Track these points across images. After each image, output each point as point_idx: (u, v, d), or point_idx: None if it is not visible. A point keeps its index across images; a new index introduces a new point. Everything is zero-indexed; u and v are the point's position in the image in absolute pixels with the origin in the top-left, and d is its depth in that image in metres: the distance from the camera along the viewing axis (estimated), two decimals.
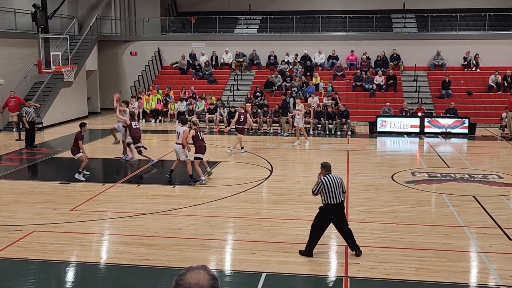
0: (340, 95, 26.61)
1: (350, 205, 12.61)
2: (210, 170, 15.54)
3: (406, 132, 23.66)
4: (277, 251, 9.62)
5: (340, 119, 23.99)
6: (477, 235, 10.48)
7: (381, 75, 28.10)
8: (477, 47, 28.79)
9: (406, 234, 10.53)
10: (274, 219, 11.53)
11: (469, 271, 8.92)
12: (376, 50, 29.48)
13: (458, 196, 13.37)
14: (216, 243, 10.17)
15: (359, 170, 16.48)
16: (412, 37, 30.07)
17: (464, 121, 23.73)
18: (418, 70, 28.84)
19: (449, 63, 29.21)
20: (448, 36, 29.59)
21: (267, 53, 30.28)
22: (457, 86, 27.63)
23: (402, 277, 8.52)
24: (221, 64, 30.88)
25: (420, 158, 19.66)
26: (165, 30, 32.75)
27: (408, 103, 25.87)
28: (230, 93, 28.65)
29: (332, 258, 9.49)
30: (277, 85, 28.29)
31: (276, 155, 19.04)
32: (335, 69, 29.25)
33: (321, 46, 30.17)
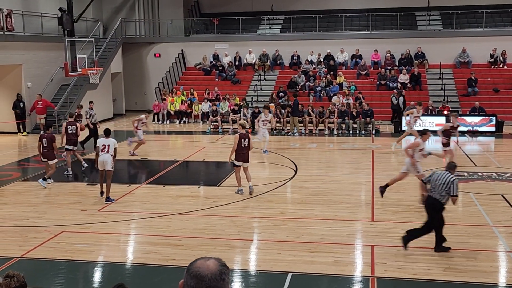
0: (364, 94, 26.44)
1: (376, 204, 12.53)
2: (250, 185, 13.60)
3: (432, 131, 23.32)
4: (303, 251, 9.60)
5: (364, 118, 23.84)
6: (506, 234, 10.33)
7: (406, 73, 27.84)
8: (503, 43, 28.33)
9: (433, 234, 10.39)
10: (300, 219, 11.51)
11: (498, 271, 8.80)
12: (400, 48, 29.20)
13: (486, 195, 13.19)
14: (241, 243, 10.20)
15: (384, 170, 16.36)
16: (437, 35, 29.72)
17: (491, 119, 23.39)
18: (443, 68, 28.48)
19: (475, 60, 28.79)
20: (474, 33, 29.16)
21: (290, 53, 30.24)
22: (483, 84, 27.23)
23: (429, 277, 8.44)
24: (244, 64, 30.92)
25: (446, 157, 19.39)
26: (188, 31, 32.95)
27: (434, 101, 25.59)
28: (254, 94, 28.69)
29: (358, 258, 9.44)
30: (301, 85, 28.23)
31: (300, 155, 19.01)
32: (359, 68, 29.07)
33: (344, 45, 30.01)
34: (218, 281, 2.52)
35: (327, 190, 13.96)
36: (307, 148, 20.42)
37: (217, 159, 18.88)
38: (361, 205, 12.57)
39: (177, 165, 17.60)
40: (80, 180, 16.03)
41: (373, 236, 10.45)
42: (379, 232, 10.62)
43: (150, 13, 33.19)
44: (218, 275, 2.52)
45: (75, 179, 16.11)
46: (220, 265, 2.56)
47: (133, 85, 32.05)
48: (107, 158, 12.86)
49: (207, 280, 2.50)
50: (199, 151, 19.95)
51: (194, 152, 19.74)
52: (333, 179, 15.42)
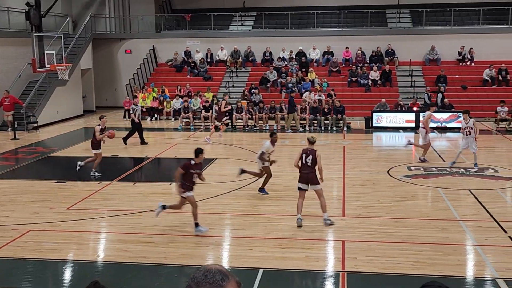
0: (335, 91, 26.63)
1: (347, 200, 12.65)
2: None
3: (401, 127, 23.69)
4: (274, 247, 9.63)
5: (336, 114, 24.02)
6: (473, 228, 10.52)
7: (376, 71, 28.12)
8: (471, 41, 28.84)
9: (402, 229, 10.56)
10: (271, 215, 11.54)
11: (466, 264, 8.96)
12: (371, 46, 29.49)
13: (454, 190, 13.42)
14: (213, 239, 10.18)
15: (355, 165, 16.51)
16: (407, 32, 30.09)
17: (459, 116, 23.73)
18: (413, 65, 28.86)
19: (444, 57, 29.25)
20: (443, 30, 29.63)
21: (262, 49, 30.26)
22: (452, 81, 27.66)
23: (398, 271, 8.55)
24: (216, 61, 30.84)
25: (416, 152, 19.67)
26: (159, 27, 32.70)
27: (403, 98, 25.92)
28: (226, 90, 28.59)
29: (329, 253, 9.51)
30: (272, 81, 28.29)
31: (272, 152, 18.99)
32: (331, 65, 29.26)
33: (316, 42, 30.16)
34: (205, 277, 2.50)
35: None
36: (279, 145, 20.38)
37: (188, 155, 18.74)
38: (332, 201, 12.64)
39: (148, 162, 17.47)
40: (49, 177, 15.77)
41: (344, 231, 10.54)
42: (350, 228, 10.72)
43: (121, 8, 32.83)
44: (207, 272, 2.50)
45: (42, 177, 15.85)
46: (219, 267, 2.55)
47: (104, 81, 31.68)
48: None
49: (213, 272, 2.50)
50: (170, 148, 19.83)
51: (166, 149, 19.62)
52: None
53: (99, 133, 15.64)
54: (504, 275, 8.32)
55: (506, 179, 14.56)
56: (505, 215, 11.24)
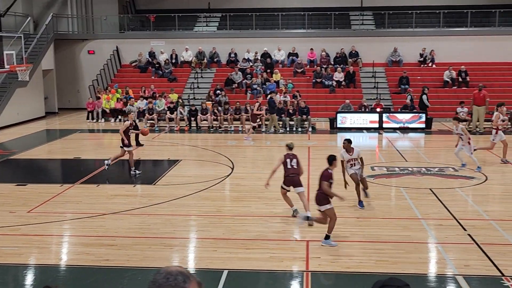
0: (300, 92, 26.81)
1: (312, 200, 12.70)
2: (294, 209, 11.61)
3: (365, 128, 23.99)
4: (239, 248, 9.64)
5: (301, 115, 24.18)
6: (434, 226, 10.73)
7: (340, 72, 28.42)
8: (432, 43, 29.44)
9: (366, 228, 10.70)
10: (236, 216, 11.54)
11: (427, 262, 9.12)
12: (335, 47, 29.79)
13: (415, 189, 13.64)
14: (177, 241, 10.12)
15: (320, 166, 16.55)
16: (370, 34, 30.51)
17: (421, 116, 24.23)
18: (376, 66, 29.28)
19: (406, 59, 29.76)
20: (405, 33, 30.14)
21: (227, 50, 30.25)
22: (414, 82, 28.15)
23: (361, 269, 8.65)
24: (181, 62, 30.69)
25: (379, 153, 19.98)
26: (123, 28, 32.36)
27: (367, 99, 26.26)
28: (191, 91, 28.52)
29: (293, 253, 9.55)
30: (238, 83, 28.30)
31: (237, 153, 19.04)
32: (295, 66, 29.45)
33: (281, 43, 30.31)
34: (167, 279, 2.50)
35: (263, 187, 14.01)
36: (244, 146, 20.47)
37: (153, 157, 18.67)
38: (296, 202, 12.69)
39: (111, 164, 17.23)
40: (9, 180, 15.42)
41: (308, 231, 10.60)
42: (314, 228, 10.77)
43: (83, 8, 32.35)
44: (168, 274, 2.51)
45: (2, 180, 15.50)
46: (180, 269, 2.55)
47: (66, 82, 31.16)
48: None
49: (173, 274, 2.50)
50: (134, 150, 19.60)
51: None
52: None
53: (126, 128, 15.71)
54: (464, 271, 8.51)
55: (465, 178, 14.89)
56: (465, 213, 11.49)
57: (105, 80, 30.14)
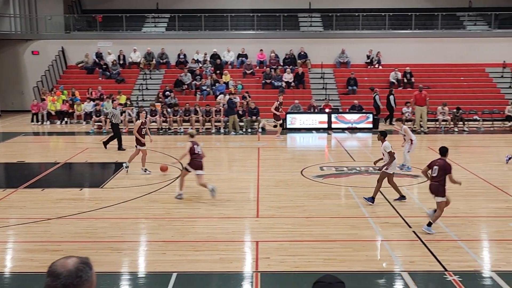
0: (250, 93, 26.89)
1: (261, 201, 12.77)
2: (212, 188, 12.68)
3: (314, 128, 24.28)
4: (188, 250, 9.57)
5: (251, 116, 24.24)
6: (380, 224, 10.94)
7: (290, 73, 28.67)
8: (378, 45, 30.09)
9: (314, 227, 10.81)
10: (185, 218, 11.46)
11: (373, 259, 9.29)
12: (284, 48, 30.04)
13: (363, 188, 13.88)
14: (125, 245, 9.95)
15: (270, 167, 16.73)
16: (318, 36, 30.91)
17: (368, 117, 24.71)
18: (324, 67, 29.69)
19: (354, 60, 30.30)
20: (352, 34, 30.70)
21: (176, 51, 30.04)
22: (361, 83, 28.70)
23: (310, 268, 8.72)
24: (129, 63, 30.28)
25: (328, 153, 20.26)
26: (69, 28, 31.64)
27: (316, 99, 26.59)
28: (139, 93, 28.16)
29: (243, 254, 9.56)
30: (187, 84, 28.13)
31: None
32: (245, 67, 29.52)
33: (230, 44, 30.33)
34: (74, 278, 2.52)
35: None
36: (206, 147, 20.25)
37: (101, 160, 18.34)
38: (246, 202, 12.74)
39: (57, 167, 16.84)
40: None
41: (258, 232, 10.64)
42: (264, 228, 10.84)
43: (27, 8, 31.46)
44: (74, 272, 2.52)
45: None
46: (79, 263, 2.54)
47: (9, 84, 30.23)
48: None
49: (62, 278, 2.50)
50: (81, 152, 19.23)
51: (77, 154, 19.01)
52: (220, 177, 15.51)
53: (138, 127, 15.67)
54: (409, 268, 8.71)
55: (411, 176, 15.27)
56: (410, 211, 11.77)
57: (50, 82, 29.40)
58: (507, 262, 9.03)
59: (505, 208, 12.08)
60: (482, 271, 8.62)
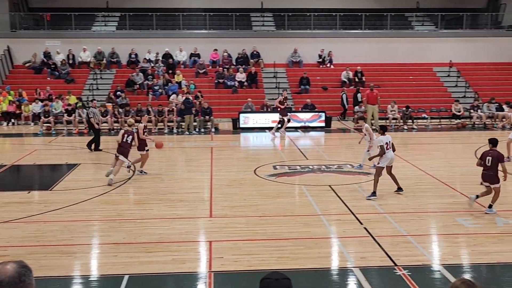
0: (203, 93, 26.78)
1: (214, 201, 12.73)
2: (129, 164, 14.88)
3: (268, 127, 24.37)
4: (140, 252, 9.44)
5: (204, 116, 24.14)
6: (332, 222, 11.08)
7: (243, 72, 28.69)
8: (330, 45, 30.48)
9: (268, 226, 10.84)
10: (137, 220, 11.30)
11: (326, 256, 9.39)
12: (237, 48, 30.05)
13: (316, 186, 14.03)
14: (75, 248, 9.74)
15: (223, 166, 16.70)
16: (271, 35, 31.06)
17: (321, 115, 24.99)
18: (277, 67, 29.85)
19: (306, 60, 30.59)
20: (304, 34, 30.98)
21: (128, 51, 29.62)
22: (314, 82, 29.00)
23: (263, 267, 8.73)
24: (79, 62, 29.66)
25: (281, 152, 20.38)
26: (15, 26, 30.72)
27: (269, 99, 26.70)
28: (90, 93, 27.62)
29: (196, 255, 9.50)
30: (139, 84, 27.78)
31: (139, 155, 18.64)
32: (198, 67, 29.38)
33: (182, 43, 30.12)
34: (17, 283, 2.48)
35: (166, 189, 13.91)
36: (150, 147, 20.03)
37: (50, 161, 17.90)
38: (200, 202, 12.68)
39: (4, 170, 16.35)
40: None
41: (211, 232, 10.60)
42: (217, 228, 10.81)
43: None
44: (16, 277, 2.47)
45: None
46: (19, 267, 2.49)
47: None
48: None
49: (4, 284, 2.44)
50: (29, 154, 18.73)
51: (24, 155, 18.49)
52: (173, 177, 15.41)
53: (141, 131, 15.44)
54: (360, 264, 8.85)
55: (362, 174, 15.52)
56: (361, 208, 11.96)
57: None
58: (454, 256, 9.29)
59: (452, 203, 12.42)
60: (431, 265, 8.84)
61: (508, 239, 9.96)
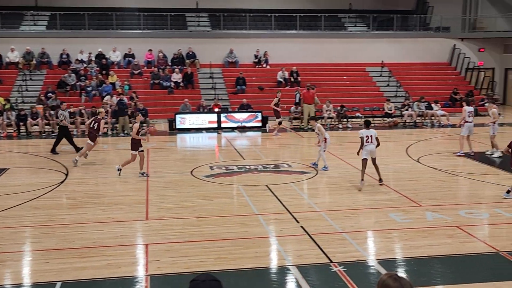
0: (138, 93, 26.36)
1: (151, 203, 12.56)
2: None
3: (204, 128, 24.28)
4: (74, 258, 9.17)
5: None
6: (269, 221, 11.15)
7: (178, 73, 28.45)
8: (266, 45, 30.70)
9: (205, 227, 10.79)
10: (70, 225, 10.98)
11: (263, 256, 9.42)
12: (172, 48, 29.77)
13: (253, 186, 14.09)
14: (4, 256, 9.34)
15: (160, 168, 16.50)
16: (206, 36, 30.95)
17: (257, 115, 25.12)
18: (213, 67, 29.78)
19: (242, 60, 30.67)
20: (240, 34, 31.06)
21: (59, 51, 28.76)
22: (250, 82, 29.12)
23: (201, 269, 8.67)
24: (7, 63, 28.53)
25: (219, 152, 20.34)
26: None
27: (206, 99, 26.60)
28: (19, 95, 26.64)
29: (132, 258, 9.33)
30: (71, 85, 27.02)
31: (72, 158, 18.14)
32: (132, 67, 28.88)
33: (116, 44, 29.55)
34: None
35: (100, 193, 13.60)
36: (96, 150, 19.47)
37: None
38: (135, 205, 12.46)
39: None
40: None
41: (147, 234, 10.45)
42: (153, 230, 10.65)
43: None
44: None
45: None
46: None
47: None
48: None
49: None
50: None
51: None
52: (108, 180, 15.08)
53: (137, 130, 15.26)
54: (297, 262, 8.94)
55: (299, 173, 15.71)
56: (298, 207, 12.10)
57: None
58: (387, 251, 9.55)
59: (385, 199, 12.78)
60: (365, 260, 9.04)
61: (437, 232, 10.34)
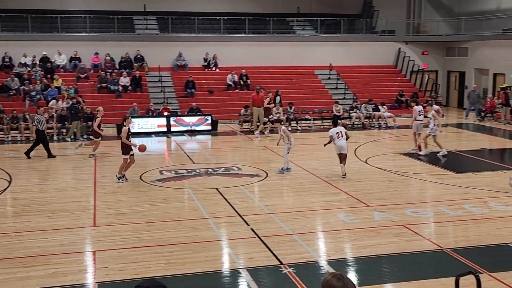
0: (85, 98, 25.80)
1: (98, 209, 12.31)
2: None
3: (153, 132, 24.00)
4: (17, 267, 8.88)
5: (86, 122, 23.27)
6: (219, 224, 11.10)
7: (126, 76, 28.03)
8: (215, 48, 30.63)
9: (154, 232, 10.65)
10: (13, 233, 10.63)
11: (214, 259, 9.37)
12: (120, 51, 29.31)
13: (203, 190, 14.01)
14: None
15: (107, 173, 16.19)
16: (155, 39, 30.63)
17: (207, 119, 25.01)
18: (162, 70, 29.48)
19: (191, 63, 30.50)
20: (189, 38, 30.88)
21: (1, 54, 27.84)
22: (199, 86, 28.98)
23: (150, 274, 8.55)
24: None
25: (168, 156, 20.14)
26: None
27: (154, 103, 26.31)
28: None
29: (79, 266, 9.10)
30: (14, 89, 26.21)
31: (16, 164, 17.62)
32: (78, 71, 28.27)
33: (61, 47, 28.85)
34: None
35: (45, 199, 13.23)
36: (24, 157, 18.92)
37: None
38: (82, 212, 12.18)
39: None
40: None
41: (95, 241, 10.23)
42: (101, 237, 10.44)
43: None
44: None
45: None
46: None
47: None
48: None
49: None
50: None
51: None
52: (53, 187, 14.69)
53: (126, 134, 15.04)
54: (248, 264, 8.93)
55: (249, 176, 15.72)
56: (248, 210, 12.10)
57: None
58: (336, 251, 9.67)
59: (333, 200, 12.94)
60: (315, 261, 9.12)
61: (384, 232, 10.54)
